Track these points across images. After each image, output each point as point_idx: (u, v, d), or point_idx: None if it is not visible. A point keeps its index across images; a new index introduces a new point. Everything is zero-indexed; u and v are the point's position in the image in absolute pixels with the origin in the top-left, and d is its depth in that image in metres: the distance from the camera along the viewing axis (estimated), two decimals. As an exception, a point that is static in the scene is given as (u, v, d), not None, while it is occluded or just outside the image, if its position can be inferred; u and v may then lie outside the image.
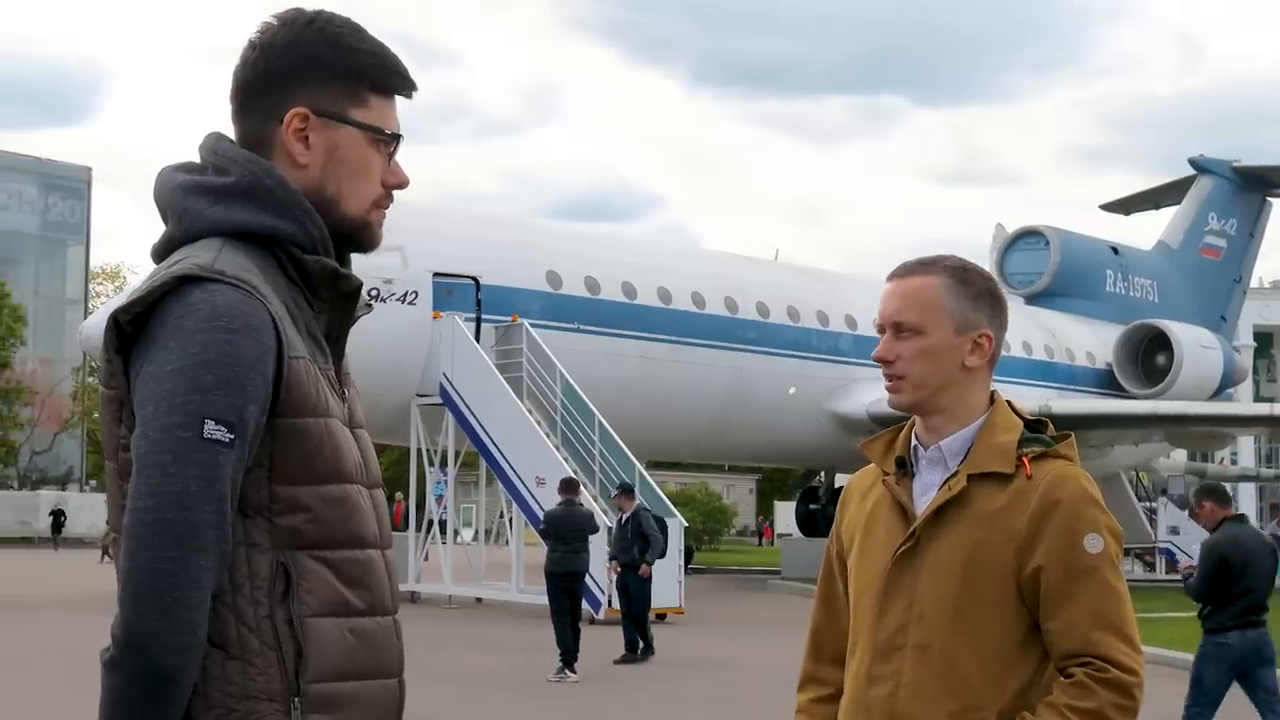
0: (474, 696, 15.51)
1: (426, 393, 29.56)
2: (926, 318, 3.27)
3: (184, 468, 2.33)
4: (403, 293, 29.38)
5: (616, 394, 31.20)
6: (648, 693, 16.51)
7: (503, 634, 23.03)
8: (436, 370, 29.19)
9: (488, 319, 30.50)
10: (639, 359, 33.39)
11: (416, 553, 30.21)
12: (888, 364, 3.31)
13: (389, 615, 2.63)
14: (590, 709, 15.13)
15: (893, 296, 3.33)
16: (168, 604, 2.30)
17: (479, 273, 30.73)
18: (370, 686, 2.55)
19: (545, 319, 31.19)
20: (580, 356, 31.05)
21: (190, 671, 2.34)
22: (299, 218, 2.58)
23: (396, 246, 29.34)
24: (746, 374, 35.60)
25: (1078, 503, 3.16)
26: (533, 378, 29.40)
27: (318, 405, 2.51)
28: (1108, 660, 3.08)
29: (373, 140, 2.66)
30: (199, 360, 2.36)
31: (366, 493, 2.62)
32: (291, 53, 2.62)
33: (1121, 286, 49.35)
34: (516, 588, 28.29)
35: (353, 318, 2.71)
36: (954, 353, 3.28)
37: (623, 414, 30.22)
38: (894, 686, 3.20)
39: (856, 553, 3.37)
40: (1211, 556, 11.00)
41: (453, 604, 28.89)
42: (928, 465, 3.30)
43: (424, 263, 29.83)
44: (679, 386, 34.01)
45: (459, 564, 30.32)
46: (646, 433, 32.55)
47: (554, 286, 32.21)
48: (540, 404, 29.23)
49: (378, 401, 29.05)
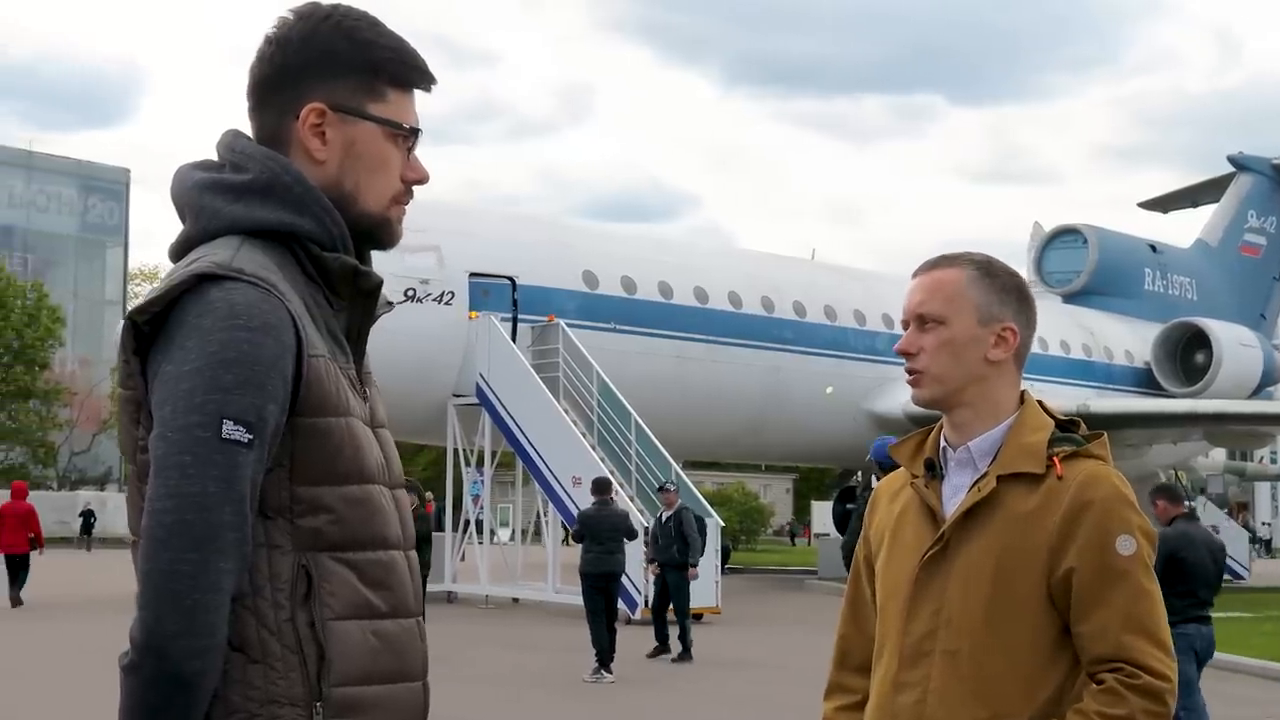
0: (510, 696, 15.50)
1: (463, 393, 29.58)
2: (949, 308, 3.22)
3: (203, 469, 2.30)
4: (439, 293, 29.41)
5: (653, 394, 31.17)
6: (683, 693, 16.48)
7: (539, 634, 23.02)
8: (473, 370, 29.21)
9: (524, 319, 30.51)
10: (675, 359, 33.35)
11: (453, 553, 30.26)
12: (909, 357, 3.25)
13: (412, 617, 2.59)
14: (626, 709, 15.11)
15: (916, 289, 3.28)
16: (188, 607, 2.27)
17: (515, 273, 30.73)
18: (394, 690, 2.51)
19: (581, 319, 31.18)
20: (616, 356, 31.03)
21: (210, 675, 2.31)
22: (318, 214, 2.55)
23: (433, 247, 29.43)
24: (783, 373, 35.53)
25: (1110, 503, 3.10)
26: (569, 378, 29.39)
27: (338, 404, 2.48)
28: (1139, 665, 3.01)
29: (391, 135, 2.63)
30: (217, 359, 2.33)
31: (389, 493, 2.59)
32: (308, 47, 2.59)
33: (1160, 285, 49.12)
34: (553, 588, 28.29)
35: (373, 316, 2.69)
36: (976, 345, 3.22)
37: (659, 414, 30.19)
38: (922, 693, 3.14)
39: (884, 556, 3.32)
40: (1161, 551, 11.12)
41: (489, 604, 28.91)
42: (957, 467, 3.25)
43: (460, 263, 29.87)
44: (715, 386, 33.97)
45: (495, 564, 30.34)
46: (683, 432, 32.52)
47: (590, 286, 32.20)
48: (576, 404, 29.21)
49: (414, 402, 29.16)
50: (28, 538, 27.11)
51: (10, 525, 26.90)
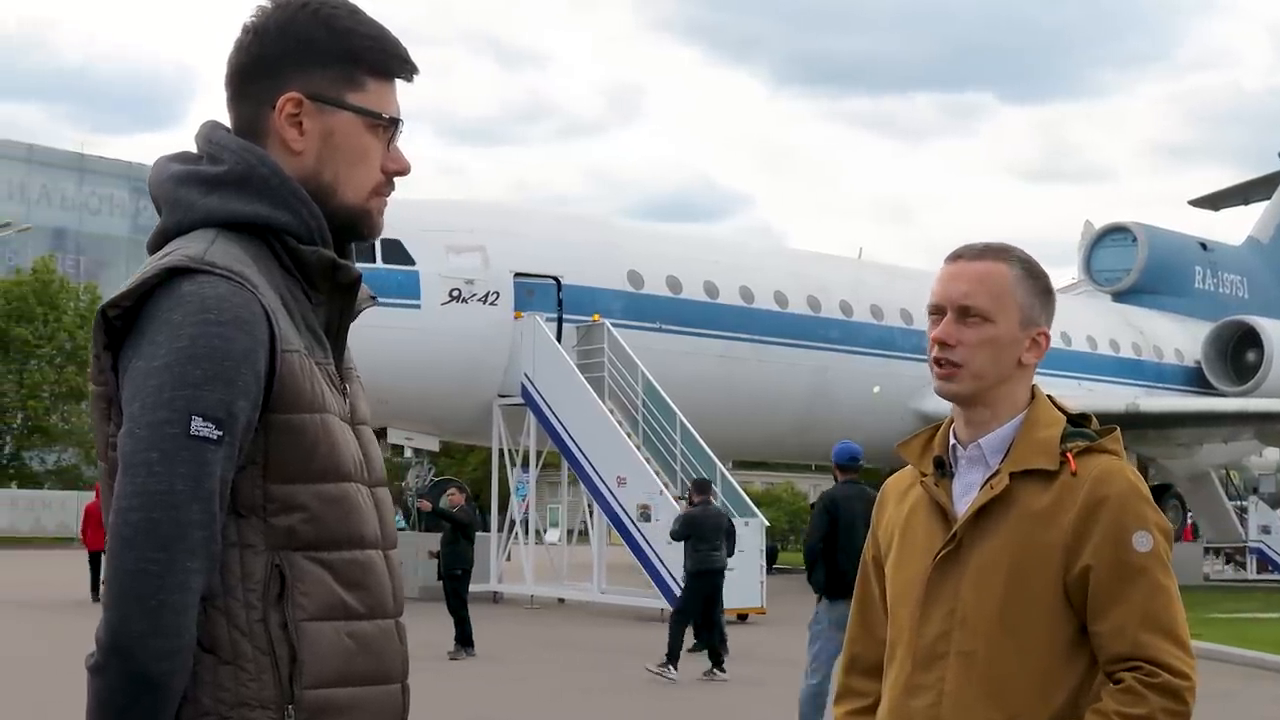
0: (552, 695, 15.49)
1: (508, 393, 29.58)
2: (996, 305, 3.13)
3: (170, 466, 2.26)
4: (484, 293, 29.45)
5: (698, 394, 31.09)
6: (727, 691, 16.45)
7: (584, 634, 23.00)
8: (518, 371, 29.21)
9: (569, 319, 30.50)
10: (721, 358, 33.26)
11: (498, 553, 30.30)
12: (946, 348, 3.15)
13: (391, 618, 2.54)
14: (669, 708, 15.07)
15: (960, 278, 3.17)
16: (153, 607, 2.23)
17: (560, 273, 30.72)
18: (370, 692, 2.46)
19: (627, 319, 31.14)
20: (662, 356, 30.96)
21: (178, 677, 2.27)
22: (294, 207, 2.49)
23: (478, 247, 29.49)
24: (830, 373, 35.41)
25: (1126, 499, 3.03)
26: (614, 378, 29.37)
27: (313, 400, 2.42)
28: (1158, 664, 2.94)
29: (371, 125, 2.57)
30: (187, 354, 2.28)
31: (367, 491, 2.54)
32: (285, 36, 2.54)
33: (1210, 283, 48.78)
34: (599, 588, 28.29)
35: (354, 310, 2.63)
36: (1015, 347, 3.14)
37: (704, 414, 30.12)
38: (936, 696, 3.06)
39: (894, 557, 3.24)
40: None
41: (534, 604, 28.90)
42: (967, 465, 3.17)
43: (505, 263, 29.89)
44: (761, 386, 33.87)
45: (541, 564, 30.35)
46: (728, 432, 32.43)
47: (635, 286, 32.16)
48: (622, 404, 29.20)
49: (459, 402, 29.25)
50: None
51: (94, 523, 28.25)
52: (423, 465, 30.85)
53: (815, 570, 12.48)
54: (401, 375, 28.17)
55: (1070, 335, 41.60)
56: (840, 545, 12.21)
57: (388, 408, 28.97)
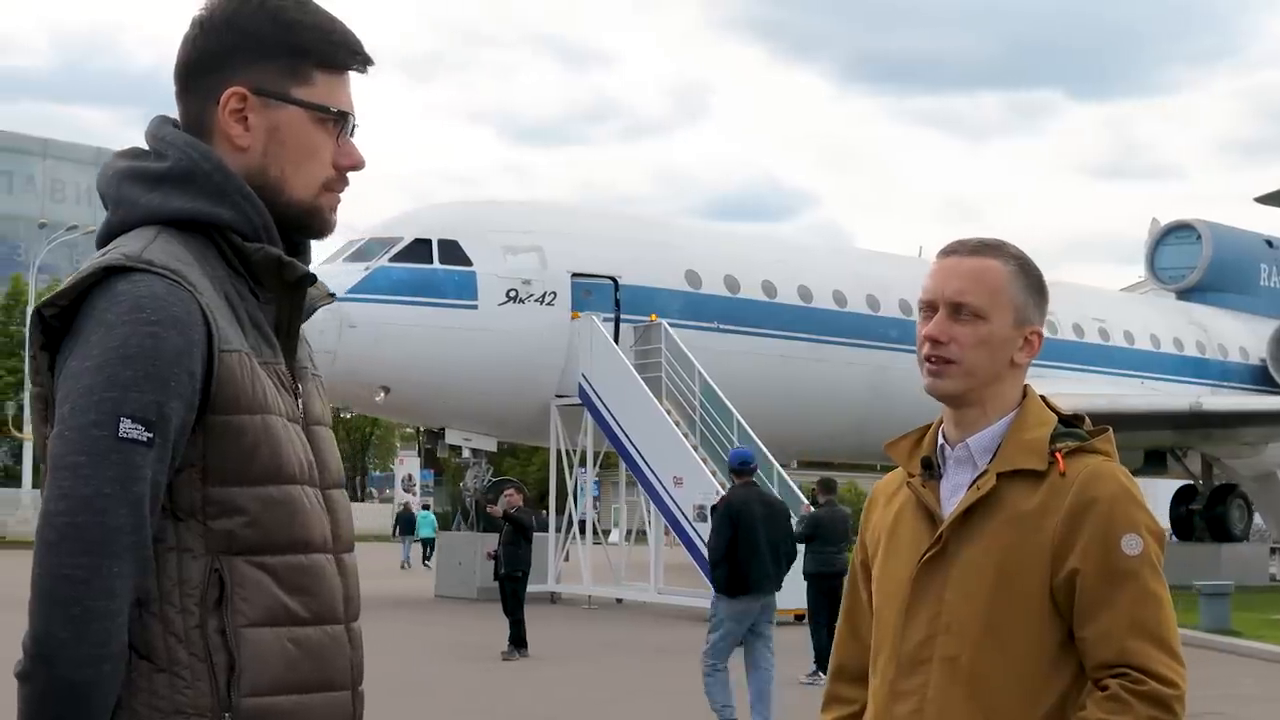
0: (607, 698, 15.47)
1: (565, 393, 29.60)
2: (991, 303, 3.06)
3: (98, 469, 2.21)
4: (541, 293, 29.44)
5: (756, 394, 30.96)
6: (788, 689, 16.39)
7: (641, 635, 22.96)
8: (575, 371, 29.20)
9: (626, 319, 30.43)
10: (779, 358, 33.11)
11: (557, 553, 30.31)
12: (939, 345, 3.08)
13: (340, 624, 2.48)
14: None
15: (954, 274, 3.10)
16: (76, 614, 2.18)
17: (617, 273, 30.66)
18: (314, 700, 2.41)
19: (684, 318, 31.03)
20: (719, 356, 30.83)
21: (105, 684, 2.22)
22: (238, 203, 2.45)
23: (535, 247, 29.52)
24: (889, 372, 35.15)
25: (1115, 501, 2.94)
26: (671, 378, 29.30)
27: (254, 401, 2.37)
28: (1145, 671, 2.86)
29: (319, 120, 2.52)
30: (118, 355, 2.24)
31: (316, 494, 2.48)
32: (230, 30, 2.49)
33: (1277, 280, 48.24)
34: (656, 588, 28.26)
35: (304, 309, 2.56)
36: (1008, 346, 3.08)
37: (762, 414, 29.98)
38: (919, 702, 2.99)
39: (881, 559, 3.17)
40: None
41: (592, 605, 28.89)
42: (955, 465, 3.10)
43: (562, 263, 29.86)
44: (820, 385, 33.70)
45: (599, 564, 30.34)
46: (787, 432, 32.28)
47: (693, 286, 32.06)
48: (679, 404, 29.12)
49: (517, 402, 29.28)
50: None
51: None
52: (481, 466, 30.89)
53: (719, 569, 13.09)
54: (459, 376, 28.27)
55: (1133, 334, 41.26)
56: (739, 545, 12.90)
57: (445, 408, 29.10)
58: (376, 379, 28.17)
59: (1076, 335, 39.62)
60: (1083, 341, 39.68)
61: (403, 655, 19.62)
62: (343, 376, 28.09)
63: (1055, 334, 39.07)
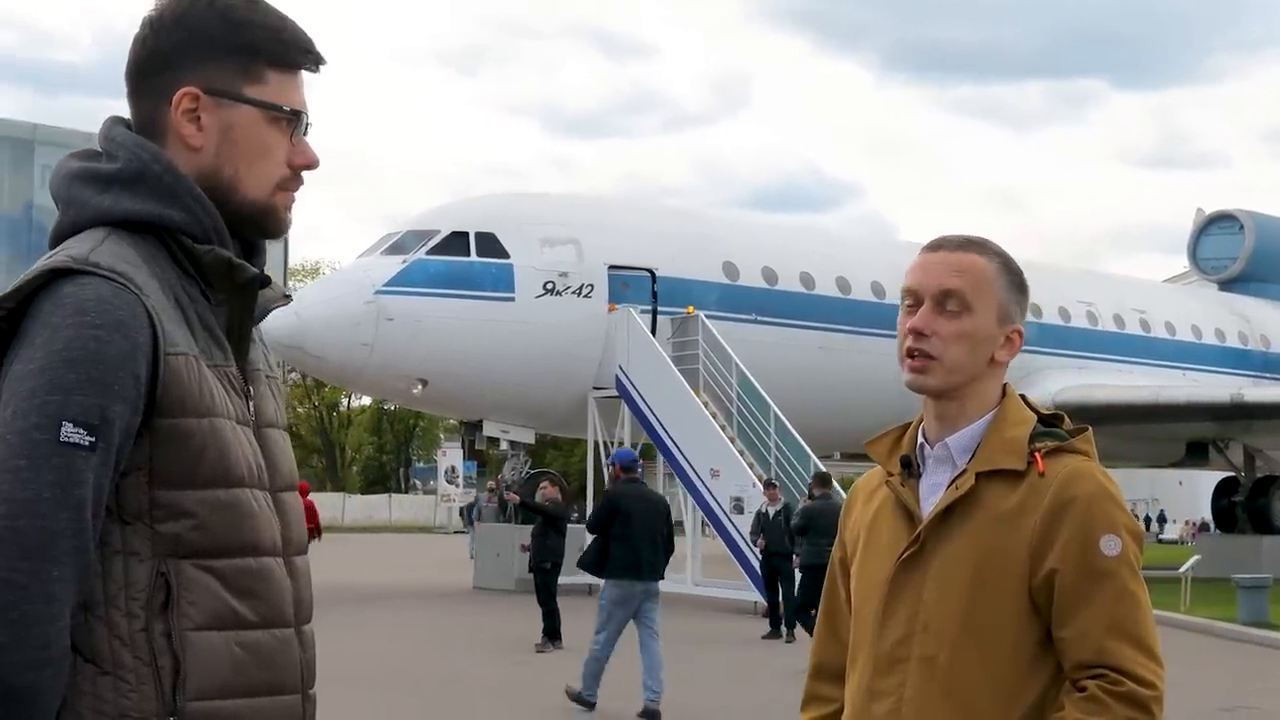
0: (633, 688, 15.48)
1: (603, 385, 29.64)
2: (977, 298, 3.04)
3: (38, 473, 2.20)
4: (578, 285, 29.48)
5: (794, 386, 30.93)
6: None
7: (675, 627, 22.95)
8: (612, 363, 29.25)
9: (663, 311, 30.42)
10: (817, 350, 33.04)
11: (595, 545, 30.29)
12: (922, 338, 3.04)
13: (290, 627, 2.47)
14: (770, 698, 15.03)
15: (941, 267, 3.07)
16: (14, 619, 2.17)
17: (654, 265, 30.66)
18: (263, 703, 2.40)
19: (722, 310, 31.00)
20: (757, 348, 30.80)
21: (48, 689, 2.21)
22: (188, 204, 2.43)
23: (572, 240, 29.56)
24: (928, 364, 35.09)
25: (1094, 501, 2.92)
26: (708, 370, 29.30)
27: (200, 404, 2.36)
28: (1123, 672, 2.84)
29: (272, 119, 2.51)
30: (61, 358, 2.23)
31: (266, 497, 2.47)
32: (181, 28, 2.48)
33: (1321, 271, 47.87)
34: (692, 580, 28.27)
35: (255, 310, 2.55)
36: (990, 343, 3.06)
37: (800, 405, 29.96)
38: (896, 703, 2.98)
39: (860, 559, 3.15)
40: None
41: (630, 596, 28.85)
42: (935, 464, 3.07)
43: (599, 255, 29.89)
44: (858, 377, 33.57)
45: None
46: (825, 424, 32.20)
47: (730, 278, 32.03)
48: (716, 396, 29.12)
49: (555, 395, 29.34)
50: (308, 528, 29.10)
51: None
52: (519, 458, 30.93)
53: (589, 553, 14.59)
54: (496, 368, 28.35)
55: (1174, 325, 41.04)
56: (615, 534, 14.13)
57: (482, 400, 29.16)
58: (414, 372, 28.28)
59: (1117, 326, 39.45)
60: (1124, 333, 39.51)
61: (438, 646, 19.71)
62: (380, 369, 28.23)
63: (1096, 325, 38.94)
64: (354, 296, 28.00)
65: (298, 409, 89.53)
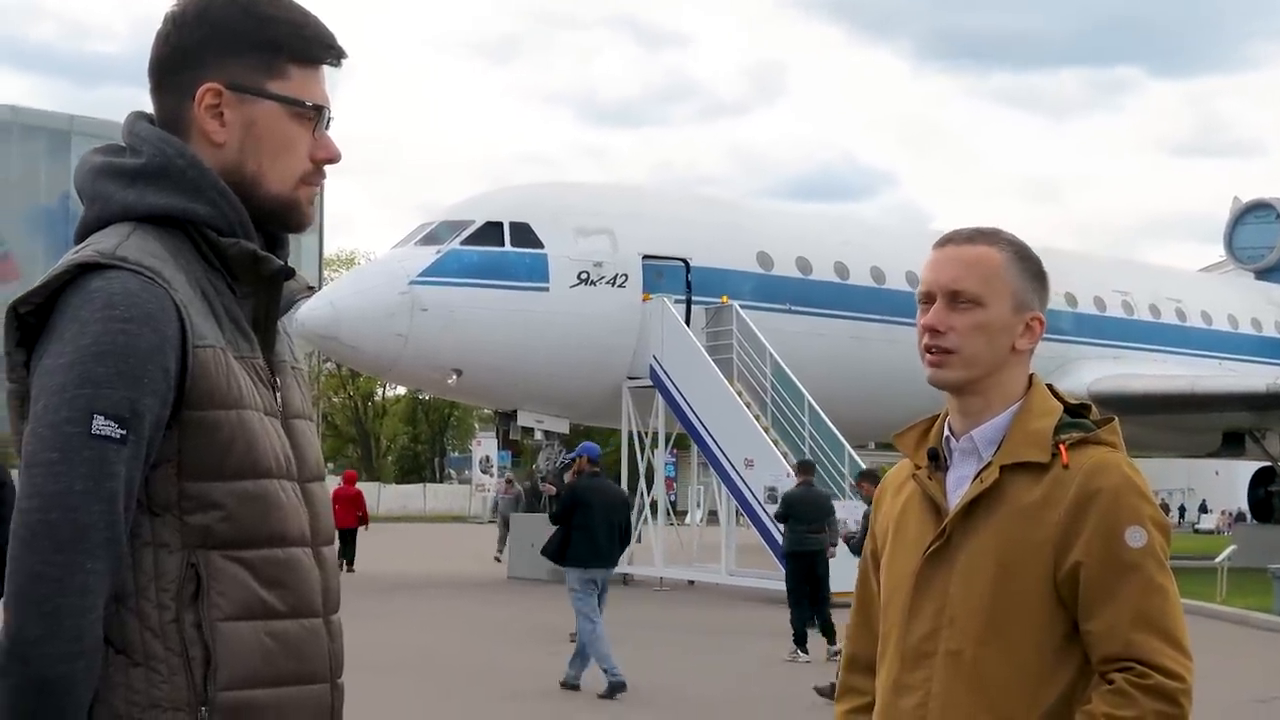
0: (677, 682, 15.51)
1: (637, 375, 29.64)
2: (987, 289, 3.04)
3: (71, 466, 2.22)
4: (612, 275, 29.44)
5: (828, 376, 30.87)
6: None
7: (711, 617, 22.98)
8: (646, 353, 29.22)
9: (698, 301, 30.41)
10: (852, 340, 32.96)
11: (629, 535, 30.32)
12: (937, 334, 3.06)
13: (318, 617, 2.50)
14: (798, 692, 15.04)
15: (950, 263, 3.09)
16: (49, 611, 2.20)
17: (689, 254, 30.61)
18: (291, 693, 2.43)
19: (756, 300, 30.96)
20: (791, 338, 30.76)
21: (81, 680, 2.23)
22: (213, 199, 2.46)
23: (606, 229, 29.54)
24: (963, 354, 34.99)
25: (1119, 492, 2.91)
26: (743, 359, 29.28)
27: (228, 396, 2.38)
28: (1151, 665, 2.83)
29: (295, 114, 2.53)
30: (91, 352, 2.25)
31: (294, 488, 2.49)
32: (204, 24, 2.50)
33: (1358, 260, 47.59)
34: (726, 570, 28.28)
35: (281, 302, 2.57)
36: (1008, 332, 3.06)
37: (835, 396, 29.90)
38: (923, 697, 2.98)
39: (888, 552, 3.16)
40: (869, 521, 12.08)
41: (664, 586, 28.92)
42: (961, 457, 3.08)
43: (633, 245, 29.85)
44: (893, 367, 33.40)
45: (671, 546, 30.34)
46: (859, 414, 32.12)
47: (765, 267, 31.96)
48: (750, 386, 29.09)
49: (589, 384, 29.34)
50: (356, 515, 32.60)
51: (342, 506, 30.90)
52: (553, 448, 30.94)
53: (551, 543, 15.21)
54: (531, 358, 28.36)
55: (1210, 314, 40.85)
56: (576, 524, 14.85)
57: (517, 390, 29.19)
58: (448, 362, 28.31)
59: (1153, 316, 39.28)
60: (1160, 322, 39.35)
61: (471, 635, 19.76)
62: (415, 359, 28.27)
63: (1132, 314, 38.76)
64: (389, 287, 28.04)
65: (333, 399, 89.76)
